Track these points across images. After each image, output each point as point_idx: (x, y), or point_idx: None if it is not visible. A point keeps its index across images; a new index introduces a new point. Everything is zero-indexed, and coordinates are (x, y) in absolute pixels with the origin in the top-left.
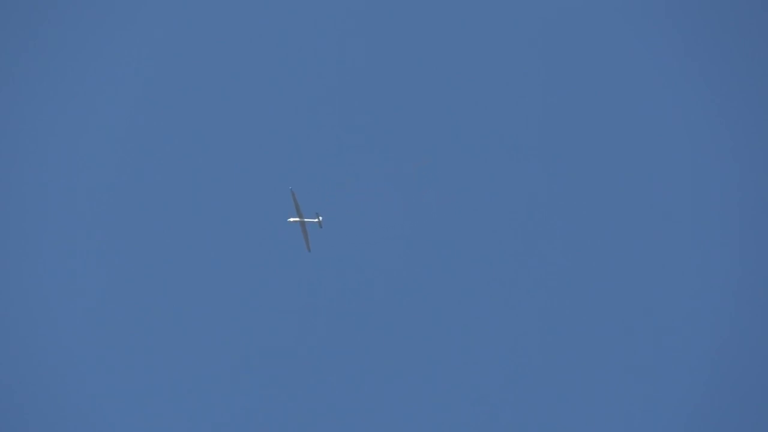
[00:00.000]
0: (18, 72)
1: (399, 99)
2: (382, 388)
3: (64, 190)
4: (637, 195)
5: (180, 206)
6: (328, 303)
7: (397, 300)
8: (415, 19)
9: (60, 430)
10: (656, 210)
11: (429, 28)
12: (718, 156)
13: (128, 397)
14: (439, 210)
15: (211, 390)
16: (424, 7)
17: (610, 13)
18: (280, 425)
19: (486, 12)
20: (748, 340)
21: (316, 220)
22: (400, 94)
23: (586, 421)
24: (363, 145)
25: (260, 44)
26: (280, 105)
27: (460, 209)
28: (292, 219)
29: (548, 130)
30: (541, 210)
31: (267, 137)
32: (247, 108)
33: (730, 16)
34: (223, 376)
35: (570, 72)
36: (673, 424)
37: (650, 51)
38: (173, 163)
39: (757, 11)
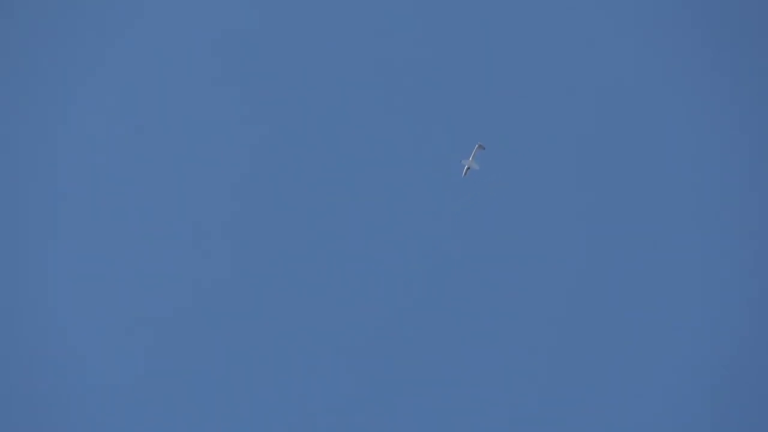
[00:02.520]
0: (20, 73)
1: (399, 100)
2: (383, 391)
3: (66, 191)
4: (641, 197)
5: (183, 208)
6: (331, 307)
7: (395, 301)
8: (415, 20)
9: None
10: (660, 212)
11: (430, 29)
12: (721, 158)
13: (132, 399)
14: (440, 211)
15: (214, 393)
16: (424, 9)
17: (610, 13)
18: (283, 427)
19: (488, 14)
20: (757, 346)
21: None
22: (400, 96)
23: (590, 425)
24: (362, 145)
25: (262, 46)
26: (286, 106)
27: (460, 210)
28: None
29: (550, 132)
30: (544, 211)
31: (272, 138)
32: (252, 110)
33: (730, 16)
34: (227, 379)
35: (571, 73)
36: (677, 427)
37: (651, 52)
38: (175, 165)
39: (756, 11)
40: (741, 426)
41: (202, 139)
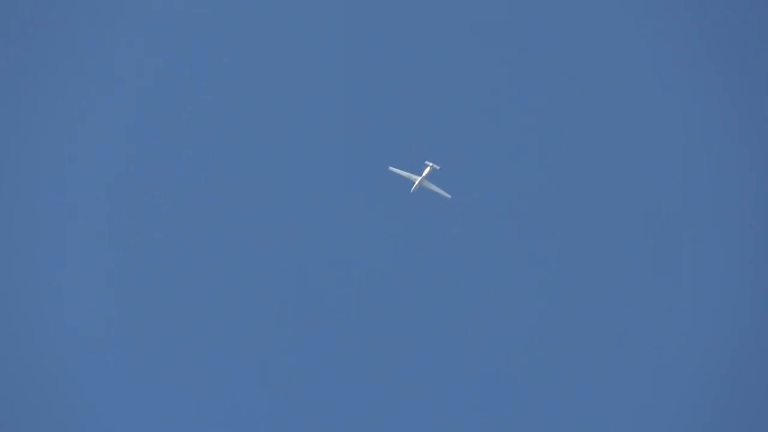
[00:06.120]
0: (22, 72)
1: (396, 101)
2: (381, 391)
3: (68, 190)
4: (638, 197)
5: (184, 208)
6: (332, 307)
7: (394, 302)
8: (412, 20)
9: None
10: (658, 212)
11: (429, 30)
12: (718, 158)
13: (131, 400)
14: (438, 211)
15: (214, 394)
16: (422, 9)
17: (609, 13)
18: (284, 427)
19: (485, 14)
20: (752, 343)
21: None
22: (397, 97)
23: (587, 424)
24: (360, 145)
25: (261, 45)
26: (285, 105)
27: (460, 211)
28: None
29: (549, 133)
30: (542, 212)
31: (271, 137)
32: (251, 108)
33: (730, 16)
34: (227, 379)
35: (569, 74)
36: (675, 427)
37: (650, 51)
38: (176, 165)
39: (757, 11)
40: (736, 424)
41: (206, 139)
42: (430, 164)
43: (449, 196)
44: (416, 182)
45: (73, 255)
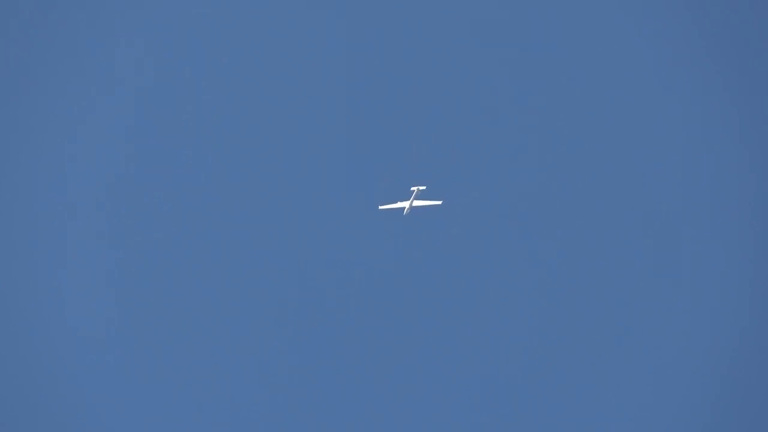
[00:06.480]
0: (23, 73)
1: (395, 101)
2: (381, 391)
3: (68, 190)
4: (638, 197)
5: (184, 208)
6: (332, 307)
7: (395, 302)
8: (410, 20)
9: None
10: (658, 212)
11: (427, 30)
12: (718, 158)
13: (131, 400)
14: (438, 212)
15: (214, 394)
16: (420, 9)
17: (609, 13)
18: (284, 426)
19: (482, 13)
20: (752, 343)
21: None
22: (395, 97)
23: (587, 424)
24: (360, 144)
25: (259, 46)
26: (284, 105)
27: (459, 211)
28: (407, 208)
29: (548, 133)
30: (542, 212)
31: (271, 137)
32: (251, 109)
33: (730, 16)
34: (227, 379)
35: (569, 74)
36: (675, 427)
37: (650, 51)
38: (176, 165)
39: (757, 11)
40: (736, 424)
41: (204, 139)
42: (416, 188)
43: (440, 202)
44: (407, 207)
45: (73, 255)
